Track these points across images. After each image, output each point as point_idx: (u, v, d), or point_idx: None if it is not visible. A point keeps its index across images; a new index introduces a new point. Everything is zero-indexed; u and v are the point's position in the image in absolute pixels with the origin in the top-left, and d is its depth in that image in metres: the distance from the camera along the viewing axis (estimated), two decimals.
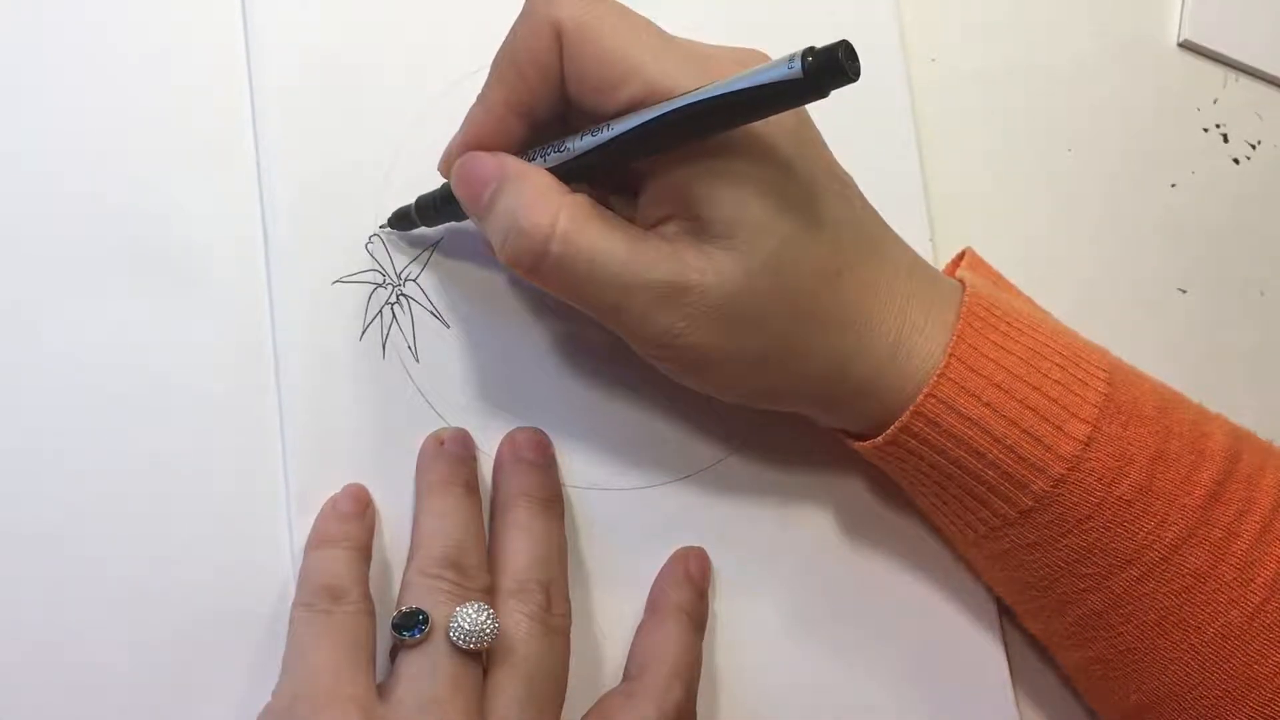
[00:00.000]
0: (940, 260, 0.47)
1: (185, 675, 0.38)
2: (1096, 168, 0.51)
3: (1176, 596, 0.38)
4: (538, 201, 0.36)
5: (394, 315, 0.42)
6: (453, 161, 0.39)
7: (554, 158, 0.37)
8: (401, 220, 0.42)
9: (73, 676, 0.38)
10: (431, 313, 0.42)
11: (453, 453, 0.41)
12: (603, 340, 0.43)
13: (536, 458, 0.41)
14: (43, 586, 0.38)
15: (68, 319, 0.40)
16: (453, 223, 0.42)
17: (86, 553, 0.38)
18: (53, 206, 0.41)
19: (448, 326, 0.42)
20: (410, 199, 0.42)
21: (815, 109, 0.39)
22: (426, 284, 0.42)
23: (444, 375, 0.42)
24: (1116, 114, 0.52)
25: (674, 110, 0.34)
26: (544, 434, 0.42)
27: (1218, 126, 0.53)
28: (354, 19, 0.44)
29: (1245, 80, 0.54)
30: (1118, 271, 0.50)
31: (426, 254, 0.43)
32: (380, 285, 0.42)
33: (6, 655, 0.37)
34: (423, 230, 0.42)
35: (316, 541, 0.39)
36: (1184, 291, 0.51)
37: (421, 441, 0.41)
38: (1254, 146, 0.53)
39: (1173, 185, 0.52)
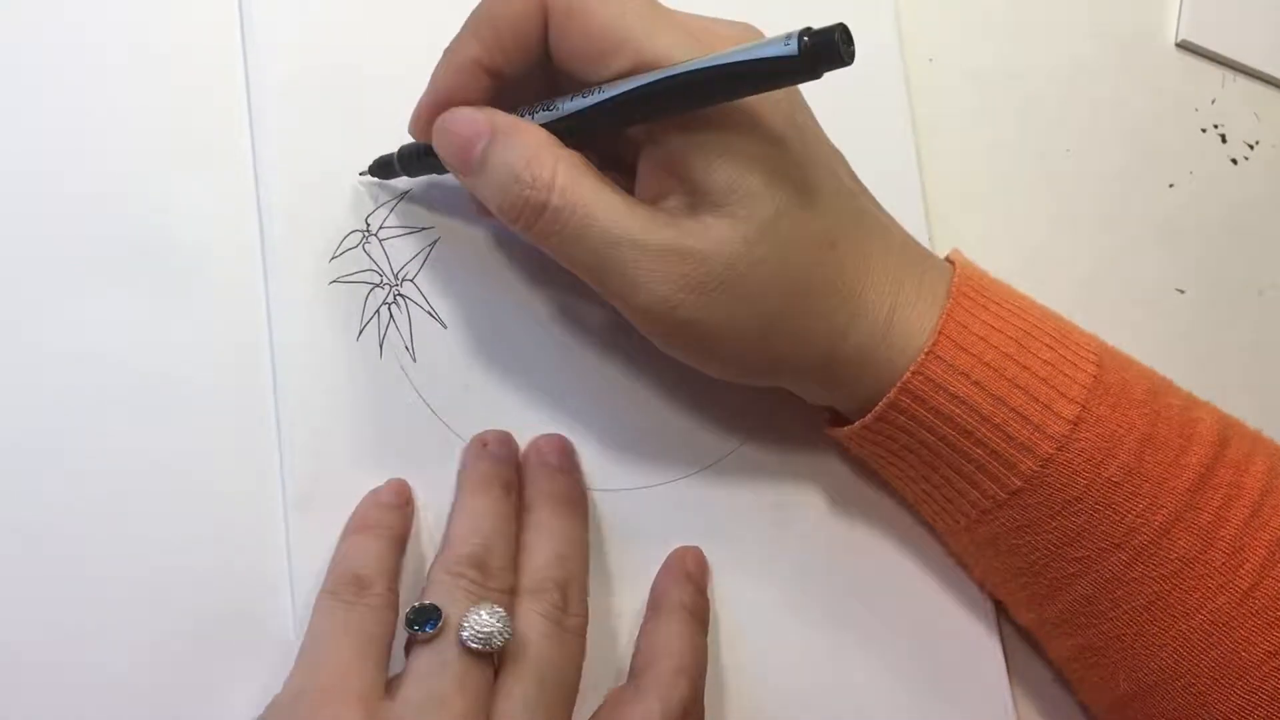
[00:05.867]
0: None
1: (182, 675, 0.38)
2: (1095, 168, 0.51)
3: (1165, 581, 0.38)
4: (538, 154, 0.36)
5: (391, 315, 0.42)
6: (423, 120, 0.38)
7: (542, 116, 0.37)
8: (384, 168, 0.42)
9: (70, 677, 0.38)
10: (428, 312, 0.42)
11: (495, 454, 0.40)
12: (600, 341, 0.43)
13: (560, 461, 0.41)
14: (41, 586, 0.38)
15: (66, 319, 0.40)
16: (434, 175, 0.41)
17: (84, 552, 0.38)
18: (51, 206, 0.41)
19: (445, 326, 0.42)
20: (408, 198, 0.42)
21: (813, 108, 0.39)
22: (423, 284, 0.42)
23: (441, 375, 0.42)
24: (1115, 114, 0.52)
25: (668, 78, 0.34)
26: (567, 440, 0.42)
27: (1216, 127, 0.53)
28: (353, 19, 0.44)
29: (1243, 80, 0.54)
30: (1116, 271, 0.50)
31: (424, 254, 0.43)
32: (377, 285, 0.42)
33: (6, 655, 0.37)
34: (399, 180, 0.42)
35: (353, 528, 0.39)
36: (1182, 292, 0.51)
37: (418, 440, 0.41)
38: (1252, 147, 0.53)
39: (1171, 185, 0.52)
